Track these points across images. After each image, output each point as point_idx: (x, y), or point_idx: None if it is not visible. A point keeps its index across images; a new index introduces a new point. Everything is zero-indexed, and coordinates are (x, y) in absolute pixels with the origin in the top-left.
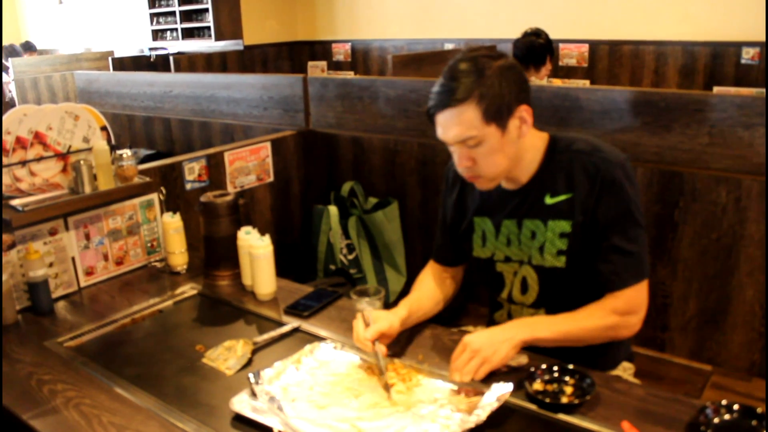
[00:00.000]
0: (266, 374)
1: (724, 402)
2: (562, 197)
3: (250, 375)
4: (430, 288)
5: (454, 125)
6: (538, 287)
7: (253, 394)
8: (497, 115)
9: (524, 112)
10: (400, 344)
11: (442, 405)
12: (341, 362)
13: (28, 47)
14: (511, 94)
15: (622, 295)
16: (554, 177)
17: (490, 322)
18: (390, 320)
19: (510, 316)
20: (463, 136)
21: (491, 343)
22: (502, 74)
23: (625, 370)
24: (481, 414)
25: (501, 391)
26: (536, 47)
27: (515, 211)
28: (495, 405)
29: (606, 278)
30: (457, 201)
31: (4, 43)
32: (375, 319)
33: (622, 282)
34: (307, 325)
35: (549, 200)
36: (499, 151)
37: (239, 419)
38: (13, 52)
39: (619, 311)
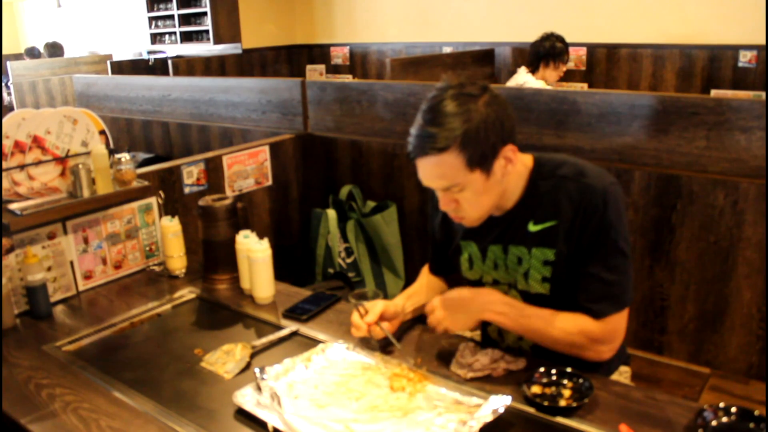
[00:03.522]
0: (273, 370)
1: (722, 405)
2: (546, 224)
3: (256, 370)
4: (432, 280)
5: (436, 173)
6: None
7: (258, 389)
8: (481, 160)
9: (509, 151)
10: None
11: (440, 413)
12: (351, 363)
13: (32, 54)
14: (496, 136)
15: (598, 324)
16: (538, 203)
17: (484, 330)
18: (386, 303)
19: (500, 331)
20: (446, 185)
21: (458, 307)
22: (488, 116)
23: (621, 374)
24: (474, 426)
25: (497, 404)
26: (556, 47)
27: (500, 237)
28: (489, 418)
29: (583, 308)
30: (442, 224)
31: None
32: (370, 307)
33: (599, 312)
34: (305, 329)
35: (533, 227)
36: (483, 193)
37: (238, 420)
38: (32, 53)
39: (590, 337)
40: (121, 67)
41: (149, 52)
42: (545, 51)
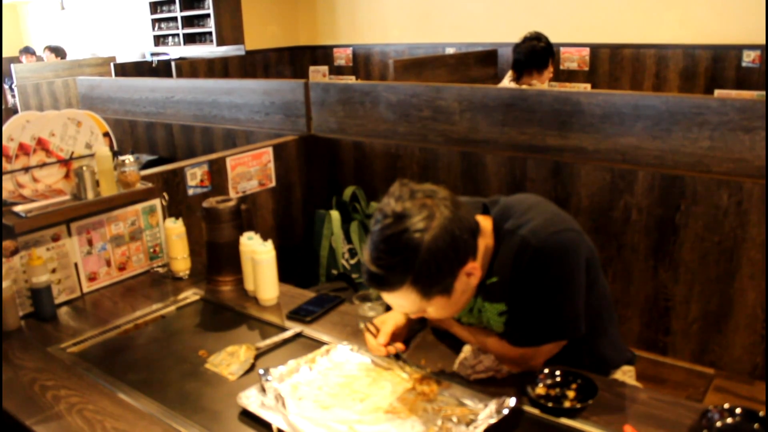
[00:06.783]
0: (277, 371)
1: (726, 405)
2: (493, 279)
3: (261, 371)
4: None
5: (395, 303)
6: None
7: (263, 390)
8: (437, 289)
9: (469, 269)
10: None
11: (445, 415)
12: (355, 364)
13: (27, 51)
14: (450, 264)
15: (513, 349)
16: (493, 259)
17: None
18: (395, 318)
19: None
20: (409, 311)
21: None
22: (437, 250)
23: (624, 373)
24: (479, 427)
25: (501, 406)
26: (538, 51)
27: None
28: (493, 419)
29: (505, 333)
30: None
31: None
32: (381, 324)
33: (512, 341)
34: (309, 331)
35: (488, 281)
36: (449, 307)
37: (242, 421)
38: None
39: (506, 358)
40: (124, 69)
41: (152, 54)
42: (523, 61)
